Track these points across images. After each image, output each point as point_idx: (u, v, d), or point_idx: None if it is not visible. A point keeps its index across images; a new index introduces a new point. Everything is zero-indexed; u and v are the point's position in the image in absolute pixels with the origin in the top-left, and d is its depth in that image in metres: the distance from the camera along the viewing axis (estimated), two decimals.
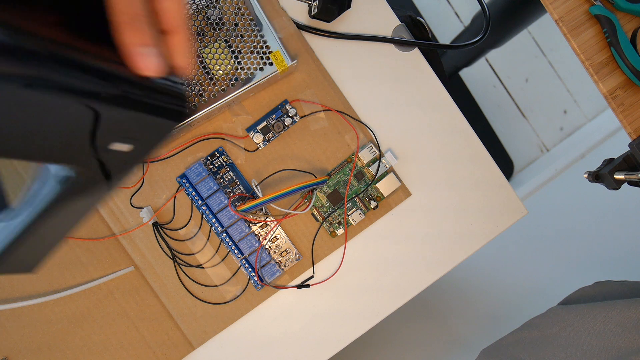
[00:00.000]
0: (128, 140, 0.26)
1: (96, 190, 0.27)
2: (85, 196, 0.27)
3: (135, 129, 0.26)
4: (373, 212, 0.53)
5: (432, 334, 1.03)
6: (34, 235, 0.26)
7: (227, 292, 0.52)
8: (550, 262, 1.07)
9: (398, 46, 0.54)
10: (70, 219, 0.28)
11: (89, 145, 0.24)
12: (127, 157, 0.27)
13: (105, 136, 0.24)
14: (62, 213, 0.26)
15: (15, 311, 0.50)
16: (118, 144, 0.26)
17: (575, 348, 0.50)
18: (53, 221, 0.26)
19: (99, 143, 0.24)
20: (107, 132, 0.24)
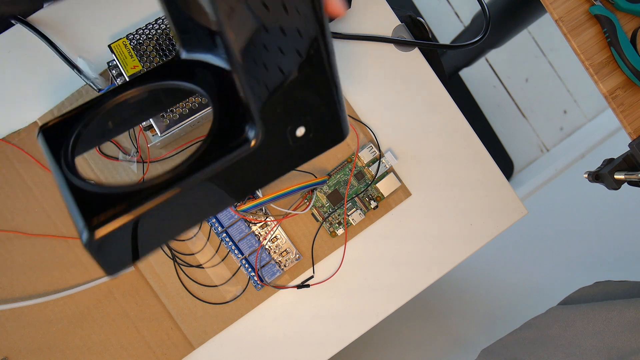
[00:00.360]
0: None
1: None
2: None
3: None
4: (373, 212, 0.53)
5: (432, 334, 1.03)
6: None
7: (227, 292, 0.52)
8: (550, 262, 1.07)
9: (398, 46, 0.54)
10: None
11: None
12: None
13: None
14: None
15: (15, 311, 0.50)
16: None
17: (575, 348, 0.50)
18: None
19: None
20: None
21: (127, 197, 0.26)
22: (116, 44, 0.48)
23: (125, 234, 0.27)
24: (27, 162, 0.51)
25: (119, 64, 0.48)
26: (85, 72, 0.49)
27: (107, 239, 0.26)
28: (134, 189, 0.27)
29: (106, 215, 0.25)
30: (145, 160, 0.51)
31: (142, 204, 0.26)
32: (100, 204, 0.26)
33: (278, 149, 0.30)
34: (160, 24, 0.48)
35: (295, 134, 0.30)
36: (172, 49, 0.49)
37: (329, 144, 0.33)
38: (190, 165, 0.28)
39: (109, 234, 0.25)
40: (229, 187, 0.30)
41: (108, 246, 0.26)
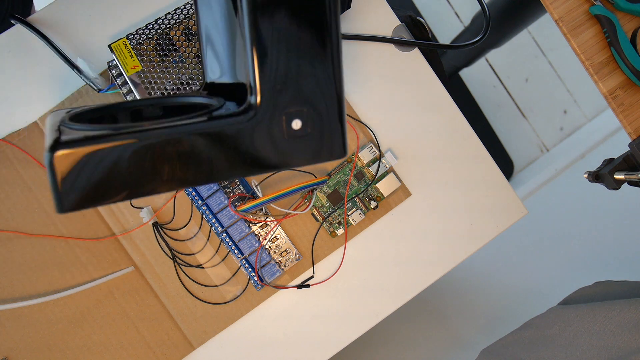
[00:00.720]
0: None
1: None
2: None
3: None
4: (373, 212, 0.53)
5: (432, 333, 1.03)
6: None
7: (227, 292, 0.52)
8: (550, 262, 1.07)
9: (398, 46, 0.54)
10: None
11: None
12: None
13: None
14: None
15: (15, 311, 0.50)
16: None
17: (575, 348, 0.50)
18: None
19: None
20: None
21: (101, 135, 0.29)
22: (116, 44, 0.48)
23: (83, 165, 0.28)
24: (27, 162, 0.51)
25: (119, 64, 0.48)
26: (85, 72, 0.49)
27: (63, 161, 0.28)
28: (109, 129, 0.29)
29: (67, 144, 0.28)
30: None
31: (102, 141, 0.29)
32: (73, 139, 0.29)
33: (270, 136, 0.30)
34: (160, 24, 0.48)
35: (291, 125, 0.30)
36: (171, 48, 0.49)
37: (325, 154, 0.33)
38: (174, 121, 0.29)
39: (65, 156, 0.28)
40: (212, 157, 0.30)
41: (67, 174, 0.28)
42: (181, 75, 0.49)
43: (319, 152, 0.32)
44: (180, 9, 0.49)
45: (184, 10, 0.49)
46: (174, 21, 0.49)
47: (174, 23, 0.49)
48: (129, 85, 0.48)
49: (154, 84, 0.48)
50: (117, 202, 0.30)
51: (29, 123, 0.51)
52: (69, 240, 0.51)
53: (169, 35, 0.48)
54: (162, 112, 0.38)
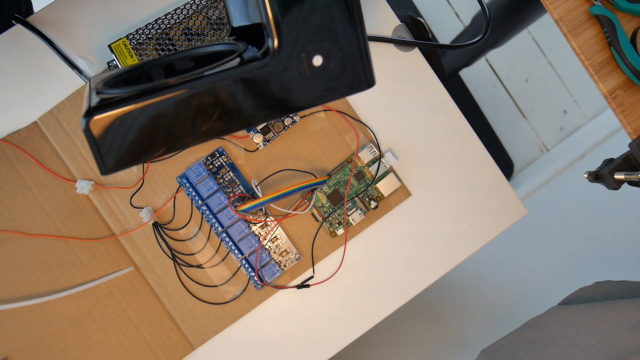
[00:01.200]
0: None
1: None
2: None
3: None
4: (373, 212, 0.53)
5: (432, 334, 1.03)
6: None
7: (227, 292, 0.52)
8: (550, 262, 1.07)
9: (398, 46, 0.54)
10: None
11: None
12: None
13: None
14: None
15: (15, 311, 0.50)
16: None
17: (575, 348, 0.50)
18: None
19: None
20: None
21: (128, 97, 0.30)
22: (116, 44, 0.48)
23: (117, 127, 0.30)
24: (27, 162, 0.51)
25: (119, 64, 0.48)
26: (85, 72, 0.49)
27: (98, 125, 0.29)
28: (136, 90, 0.30)
29: (100, 109, 0.30)
30: None
31: (136, 101, 0.30)
32: (105, 103, 0.30)
33: (294, 74, 0.30)
34: (160, 24, 0.48)
35: (312, 62, 0.30)
36: (171, 48, 0.49)
37: (352, 86, 0.32)
38: (198, 72, 0.30)
39: (101, 120, 0.29)
40: (240, 103, 0.31)
41: (104, 137, 0.30)
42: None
43: (346, 84, 0.32)
44: (180, 9, 0.49)
45: (183, 10, 0.49)
46: (174, 21, 0.49)
47: (174, 23, 0.49)
48: None
49: None
50: (156, 157, 0.32)
51: (29, 123, 0.51)
52: (69, 240, 0.51)
53: (169, 35, 0.48)
54: (193, 63, 0.39)
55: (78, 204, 0.51)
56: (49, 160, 0.51)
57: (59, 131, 0.51)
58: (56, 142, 0.51)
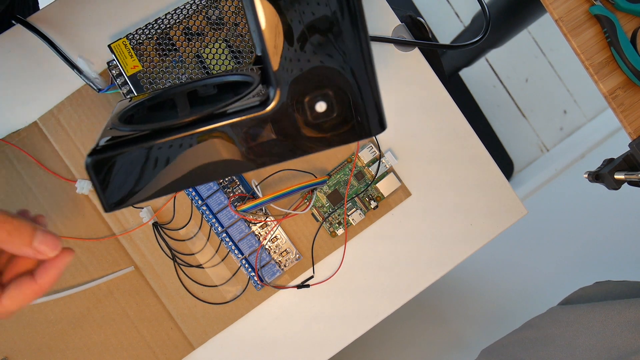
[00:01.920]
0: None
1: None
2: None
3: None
4: (373, 212, 0.53)
5: (432, 334, 1.03)
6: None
7: (227, 292, 0.52)
8: (550, 262, 1.07)
9: (398, 46, 0.54)
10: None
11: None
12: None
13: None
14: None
15: None
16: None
17: (575, 348, 0.50)
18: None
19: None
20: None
21: (131, 139, 0.31)
22: (116, 44, 0.48)
23: (116, 167, 0.31)
24: (27, 162, 0.51)
25: (119, 64, 0.48)
26: (85, 72, 0.49)
27: (100, 164, 0.30)
28: (137, 133, 0.31)
29: (102, 151, 0.31)
30: None
31: (140, 142, 0.30)
32: (111, 143, 0.31)
33: (296, 120, 0.30)
34: (160, 24, 0.48)
35: (315, 109, 0.30)
36: (172, 48, 0.49)
37: (359, 132, 0.31)
38: (199, 117, 0.30)
39: (101, 160, 0.30)
40: (243, 148, 0.31)
41: (105, 173, 0.30)
42: (181, 75, 0.49)
43: (352, 131, 0.31)
44: (180, 9, 0.49)
45: (183, 10, 0.49)
46: (174, 21, 0.49)
47: (174, 23, 0.49)
48: (128, 85, 0.48)
49: (154, 84, 0.48)
50: (161, 196, 0.32)
51: (29, 123, 0.51)
52: (69, 240, 0.51)
53: (169, 35, 0.49)
54: (216, 90, 0.39)
55: (78, 204, 0.51)
56: (49, 160, 0.51)
57: (59, 131, 0.51)
58: (56, 142, 0.51)
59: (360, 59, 0.29)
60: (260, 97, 0.31)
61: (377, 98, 0.30)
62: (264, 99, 0.30)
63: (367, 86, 0.30)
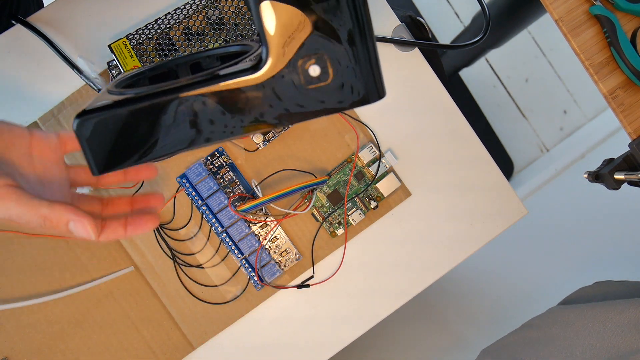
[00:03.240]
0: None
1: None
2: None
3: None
4: (373, 212, 0.53)
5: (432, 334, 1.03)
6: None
7: (227, 292, 0.52)
8: (550, 262, 1.07)
9: (398, 46, 0.54)
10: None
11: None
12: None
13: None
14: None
15: (15, 311, 0.50)
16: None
17: (575, 348, 0.50)
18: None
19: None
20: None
21: (120, 102, 0.30)
22: (116, 44, 0.48)
23: (106, 128, 0.30)
24: None
25: (119, 64, 0.48)
26: (85, 72, 0.49)
27: (87, 125, 0.30)
28: (128, 95, 0.30)
29: (88, 112, 0.30)
30: None
31: (129, 105, 0.30)
32: (100, 106, 0.31)
33: (290, 85, 0.29)
34: (160, 24, 0.48)
35: (309, 72, 0.28)
36: (171, 48, 0.49)
37: (358, 99, 0.29)
38: (191, 81, 0.30)
39: (90, 120, 0.30)
40: (233, 110, 0.30)
41: (91, 134, 0.30)
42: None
43: (349, 96, 0.29)
44: (180, 9, 0.49)
45: (183, 10, 0.49)
46: (174, 21, 0.49)
47: (174, 23, 0.49)
48: None
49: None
50: (149, 161, 0.31)
51: (29, 123, 0.51)
52: (69, 240, 0.51)
53: (169, 35, 0.49)
54: (220, 62, 0.39)
55: None
56: None
57: (59, 131, 0.51)
58: None
59: (356, 20, 0.28)
60: (253, 61, 0.30)
61: (374, 63, 0.29)
62: (256, 62, 0.29)
63: (364, 49, 0.28)
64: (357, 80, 0.29)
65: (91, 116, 0.30)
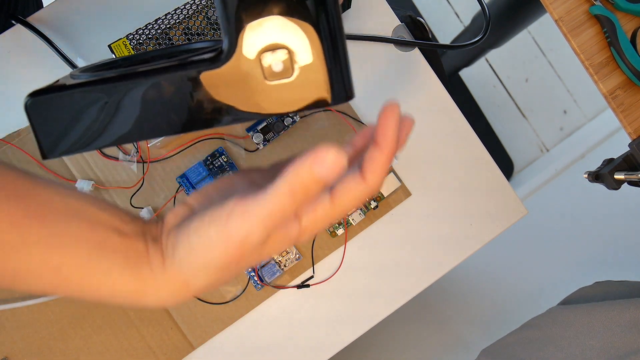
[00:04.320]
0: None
1: None
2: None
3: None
4: (373, 212, 0.53)
5: (432, 334, 1.03)
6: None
7: (227, 292, 0.52)
8: (550, 262, 1.07)
9: (398, 46, 0.54)
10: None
11: None
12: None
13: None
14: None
15: (15, 311, 0.50)
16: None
17: (575, 348, 0.50)
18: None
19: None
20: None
21: (74, 85, 0.30)
22: (116, 44, 0.48)
23: (57, 110, 0.29)
24: (27, 162, 0.51)
25: None
26: None
27: (38, 105, 0.29)
28: (82, 79, 0.30)
29: (42, 91, 0.29)
30: (145, 160, 0.51)
31: (78, 87, 0.29)
32: (55, 86, 0.30)
33: (248, 82, 0.27)
34: (160, 24, 0.48)
35: (271, 68, 0.27)
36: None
37: (318, 100, 0.27)
38: (152, 68, 0.29)
39: (40, 100, 0.29)
40: (188, 102, 0.28)
41: (42, 115, 0.30)
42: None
43: (313, 96, 0.27)
44: (180, 9, 0.49)
45: (183, 11, 0.49)
46: (174, 21, 0.49)
47: (174, 23, 0.49)
48: None
49: None
50: (100, 147, 0.30)
51: (29, 123, 0.51)
52: None
53: (169, 35, 0.49)
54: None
55: None
56: (49, 160, 0.51)
57: None
58: None
59: (325, 13, 0.26)
60: (213, 52, 0.28)
61: (344, 61, 0.27)
62: (217, 53, 0.27)
63: (331, 45, 0.27)
64: (323, 78, 0.27)
65: (43, 97, 0.29)
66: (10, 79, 0.51)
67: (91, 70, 0.35)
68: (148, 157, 0.51)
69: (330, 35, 0.27)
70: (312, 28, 0.26)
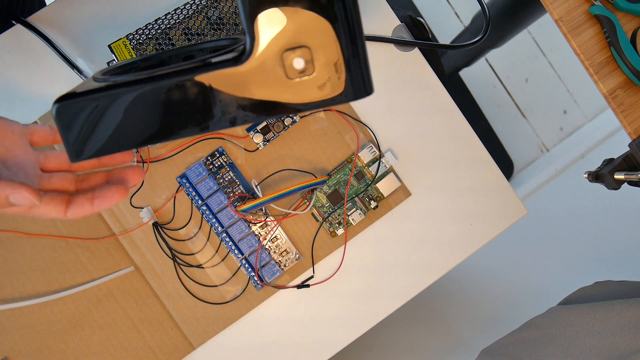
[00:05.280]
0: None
1: None
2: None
3: None
4: (373, 212, 0.53)
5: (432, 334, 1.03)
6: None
7: (227, 292, 0.52)
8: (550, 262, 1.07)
9: (398, 46, 0.54)
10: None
11: None
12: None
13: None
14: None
15: (15, 311, 0.50)
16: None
17: (575, 348, 0.50)
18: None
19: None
20: None
21: (102, 88, 0.30)
22: (116, 44, 0.48)
23: (84, 114, 0.30)
24: None
25: None
26: (85, 72, 0.49)
27: (66, 110, 0.30)
28: (109, 82, 0.30)
29: (69, 96, 0.30)
30: (145, 160, 0.51)
31: (108, 90, 0.29)
32: (82, 91, 0.30)
33: (270, 80, 0.28)
34: (160, 24, 0.48)
35: (293, 65, 0.27)
36: (172, 48, 0.49)
37: (344, 94, 0.28)
38: (173, 70, 0.29)
39: (67, 105, 0.30)
40: (214, 101, 0.29)
41: (70, 120, 0.30)
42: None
43: (334, 92, 0.28)
44: (180, 9, 0.49)
45: (183, 11, 0.49)
46: (174, 21, 0.49)
47: (174, 23, 0.49)
48: None
49: None
50: (127, 150, 0.31)
51: (28, 123, 0.51)
52: (69, 240, 0.51)
53: (169, 35, 0.49)
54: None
55: None
56: None
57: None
58: None
59: (344, 12, 0.27)
60: (236, 52, 0.29)
61: (363, 58, 0.28)
62: (240, 53, 0.28)
63: (352, 43, 0.27)
64: (344, 76, 0.28)
65: (70, 101, 0.30)
66: (11, 79, 0.51)
67: (112, 72, 0.35)
68: (148, 157, 0.51)
69: (349, 33, 0.27)
70: (331, 26, 0.27)
